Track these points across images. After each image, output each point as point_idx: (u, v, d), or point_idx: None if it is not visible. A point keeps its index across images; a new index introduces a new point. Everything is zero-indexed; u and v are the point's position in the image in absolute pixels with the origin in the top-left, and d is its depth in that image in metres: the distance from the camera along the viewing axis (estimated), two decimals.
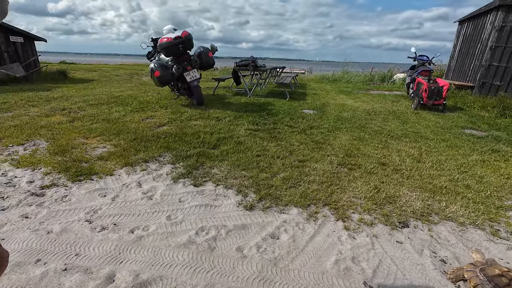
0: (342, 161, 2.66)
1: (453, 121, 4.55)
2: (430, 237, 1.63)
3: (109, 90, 6.40)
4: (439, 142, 3.39)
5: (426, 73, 5.96)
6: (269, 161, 2.59)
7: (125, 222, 1.67)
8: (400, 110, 5.35)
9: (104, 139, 2.98)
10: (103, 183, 2.11)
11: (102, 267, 1.32)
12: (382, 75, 11.42)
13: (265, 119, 4.15)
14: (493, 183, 2.32)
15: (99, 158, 2.51)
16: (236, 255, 1.44)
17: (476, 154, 2.99)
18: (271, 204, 1.91)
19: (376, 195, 2.05)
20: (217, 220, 1.72)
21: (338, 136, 3.46)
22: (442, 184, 2.26)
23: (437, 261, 1.44)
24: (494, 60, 6.24)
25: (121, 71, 12.02)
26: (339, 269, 1.37)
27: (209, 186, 2.13)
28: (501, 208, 1.96)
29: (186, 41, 4.25)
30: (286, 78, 7.32)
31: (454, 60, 8.31)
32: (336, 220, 1.76)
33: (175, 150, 2.74)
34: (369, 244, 1.56)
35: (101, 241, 1.49)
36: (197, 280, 1.27)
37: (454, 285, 1.29)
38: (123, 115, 3.98)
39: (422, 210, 1.89)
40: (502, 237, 1.66)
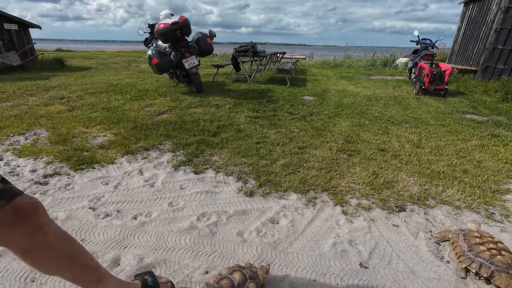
0: (342, 147, 2.68)
1: (454, 106, 4.52)
2: (426, 221, 1.67)
3: (107, 78, 6.34)
4: (439, 128, 3.38)
5: (429, 57, 5.85)
6: (269, 148, 2.61)
7: (128, 208, 1.71)
8: (401, 95, 5.31)
9: (104, 128, 2.99)
10: (105, 171, 2.14)
11: (107, 252, 1.37)
12: (384, 59, 11.22)
13: (265, 106, 4.13)
14: (491, 168, 2.34)
15: (100, 146, 2.53)
16: (237, 239, 1.48)
17: (476, 139, 3.00)
18: (271, 190, 1.94)
19: (374, 180, 2.08)
20: (218, 206, 1.76)
21: (338, 123, 3.46)
22: (440, 169, 2.28)
23: (431, 243, 1.49)
24: (499, 43, 6.10)
25: (119, 59, 11.84)
26: (336, 252, 1.41)
27: (209, 173, 2.15)
28: (497, 192, 1.99)
29: (183, 27, 4.16)
30: (286, 64, 7.21)
31: (458, 44, 8.13)
32: (335, 205, 1.80)
33: (175, 138, 2.76)
34: (366, 227, 1.60)
35: (105, 227, 1.54)
36: (199, 263, 1.32)
37: (445, 264, 1.34)
38: (122, 104, 3.96)
39: (419, 194, 1.92)
40: (497, 220, 1.69)
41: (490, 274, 1.20)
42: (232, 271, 1.12)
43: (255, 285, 1.09)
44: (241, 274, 1.10)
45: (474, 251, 1.29)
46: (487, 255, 1.25)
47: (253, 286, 1.08)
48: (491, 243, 1.32)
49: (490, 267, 1.21)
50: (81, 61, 10.33)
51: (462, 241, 1.38)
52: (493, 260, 1.22)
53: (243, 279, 1.09)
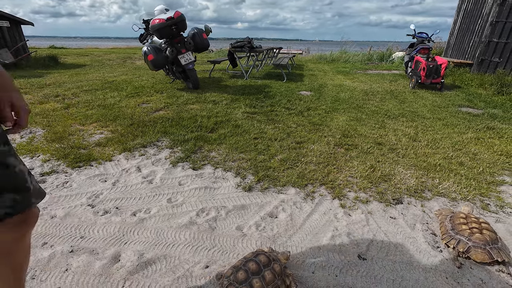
0: (339, 141, 2.69)
1: (450, 99, 4.54)
2: (422, 212, 1.69)
3: (102, 75, 6.27)
4: (435, 121, 3.41)
5: (425, 51, 5.85)
6: (267, 143, 2.61)
7: (127, 205, 1.71)
8: (398, 89, 5.32)
9: (100, 125, 2.97)
10: (103, 168, 2.13)
11: (107, 248, 1.37)
12: (381, 54, 11.21)
13: (262, 101, 4.13)
14: (486, 160, 2.37)
15: (97, 144, 2.52)
16: (236, 234, 1.49)
17: (471, 132, 3.03)
18: (269, 185, 1.95)
19: (371, 174, 2.10)
20: (217, 202, 1.77)
21: (336, 117, 3.47)
22: (437, 162, 2.30)
23: (428, 234, 1.51)
24: (494, 36, 6.12)
25: (114, 55, 11.70)
26: (334, 244, 1.43)
27: (208, 169, 2.16)
28: (493, 183, 2.02)
29: (179, 22, 4.12)
30: (283, 59, 7.18)
31: (454, 37, 8.15)
32: (333, 198, 1.82)
33: (173, 135, 2.75)
34: (364, 220, 1.62)
35: (104, 224, 1.54)
36: (199, 258, 1.33)
37: (442, 254, 1.36)
38: (118, 101, 3.93)
39: (416, 187, 1.94)
40: (492, 210, 1.72)
41: (466, 249, 1.30)
42: (257, 255, 1.18)
43: (278, 266, 1.15)
44: (265, 257, 1.16)
45: (455, 229, 1.41)
46: (467, 233, 1.36)
47: (277, 267, 1.15)
48: (475, 223, 1.40)
49: (468, 243, 1.31)
50: (76, 58, 10.19)
51: (448, 221, 1.49)
52: (471, 237, 1.33)
53: (267, 261, 1.15)
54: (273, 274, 1.11)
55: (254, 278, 1.09)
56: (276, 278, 1.11)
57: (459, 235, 1.37)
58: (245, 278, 1.09)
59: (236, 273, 1.12)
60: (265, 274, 1.10)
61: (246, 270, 1.11)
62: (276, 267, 1.13)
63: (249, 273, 1.10)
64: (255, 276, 1.09)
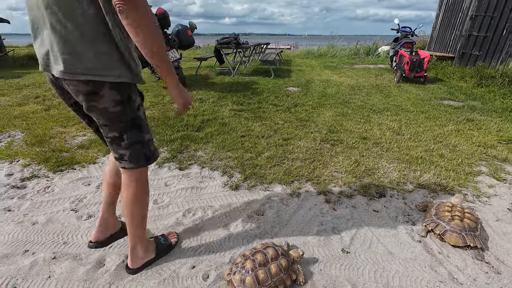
0: (325, 137, 2.73)
1: (433, 92, 4.67)
2: (404, 205, 1.75)
3: None
4: (418, 114, 3.50)
5: (409, 45, 5.97)
6: (254, 141, 2.62)
7: None
8: (383, 84, 5.42)
9: (83, 127, 2.90)
10: (86, 171, 2.09)
11: (91, 253, 1.35)
12: (367, 48, 11.35)
13: (250, 98, 4.12)
14: (465, 151, 2.46)
15: (79, 146, 2.46)
16: (223, 233, 1.50)
17: (452, 124, 3.13)
18: (256, 182, 1.96)
19: (356, 168, 2.14)
20: (203, 201, 1.77)
21: (322, 113, 3.50)
22: (418, 154, 2.37)
23: (408, 226, 1.56)
24: (474, 30, 6.30)
25: None
26: (320, 239, 1.46)
27: (194, 169, 2.15)
28: (470, 174, 2.10)
29: (161, 19, 4.03)
30: (270, 55, 7.16)
31: (436, 31, 8.33)
32: (318, 194, 1.85)
33: (159, 135, 2.71)
34: (348, 214, 1.66)
35: (88, 229, 1.52)
36: (185, 259, 1.33)
37: (422, 245, 1.42)
38: None
39: (398, 180, 2.00)
40: (469, 200, 1.80)
41: (442, 232, 1.41)
42: (266, 247, 1.22)
43: (286, 261, 1.18)
44: (274, 250, 1.20)
45: (438, 215, 1.51)
46: (447, 219, 1.45)
47: (284, 262, 1.17)
48: (459, 212, 1.48)
49: (445, 227, 1.42)
50: None
51: (434, 208, 1.58)
52: (450, 223, 1.43)
53: (276, 254, 1.18)
54: (279, 268, 1.14)
55: (260, 269, 1.13)
56: (281, 272, 1.14)
57: (440, 220, 1.47)
58: (251, 268, 1.13)
59: (244, 262, 1.16)
60: (271, 267, 1.14)
61: (253, 260, 1.15)
62: (283, 262, 1.17)
63: (256, 263, 1.14)
64: (262, 267, 1.13)
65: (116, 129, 0.98)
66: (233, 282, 1.13)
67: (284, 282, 1.14)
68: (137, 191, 1.11)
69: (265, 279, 1.11)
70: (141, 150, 1.05)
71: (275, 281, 1.12)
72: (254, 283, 1.10)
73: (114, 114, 0.95)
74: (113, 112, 0.95)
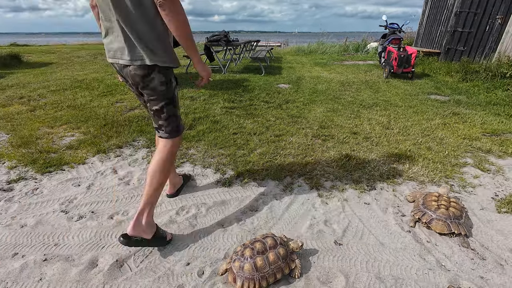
0: (317, 133, 2.76)
1: (420, 87, 4.77)
2: (394, 197, 1.79)
3: (71, 73, 5.93)
4: (406, 109, 3.58)
5: (397, 41, 6.07)
6: (246, 138, 2.63)
7: (103, 209, 1.66)
8: (372, 79, 5.50)
9: (71, 127, 2.84)
10: (76, 172, 2.05)
11: (83, 254, 1.34)
12: (356, 45, 11.47)
13: (241, 96, 4.11)
14: (451, 144, 2.53)
15: (68, 147, 2.41)
16: (217, 229, 1.51)
17: (439, 118, 3.21)
18: (249, 179, 1.97)
19: (347, 162, 2.18)
20: (196, 199, 1.77)
21: (313, 109, 3.54)
22: (407, 148, 2.43)
23: (398, 217, 1.61)
24: (459, 26, 6.46)
25: (83, 52, 11.08)
26: (313, 232, 1.49)
27: (187, 167, 2.14)
28: (456, 165, 2.17)
29: None
30: (260, 52, 7.16)
31: (423, 27, 8.50)
32: (310, 188, 1.87)
33: (149, 134, 2.68)
34: (340, 207, 1.69)
35: (80, 230, 1.49)
36: (180, 256, 1.33)
37: (411, 235, 1.46)
38: (90, 100, 3.76)
39: (388, 173, 2.05)
40: (455, 191, 1.86)
41: (429, 221, 1.46)
42: (266, 237, 1.25)
43: (284, 250, 1.21)
44: (272, 240, 1.23)
45: (425, 205, 1.56)
46: (434, 208, 1.51)
47: (282, 251, 1.21)
48: (445, 201, 1.55)
49: (432, 216, 1.48)
50: (41, 56, 9.54)
51: (422, 198, 1.63)
52: (436, 211, 1.49)
53: (274, 243, 1.22)
54: (277, 256, 1.18)
55: (259, 256, 1.16)
56: (279, 260, 1.17)
57: (427, 209, 1.52)
58: (250, 256, 1.17)
59: (243, 250, 1.21)
60: (269, 255, 1.17)
61: (252, 249, 1.19)
62: (281, 251, 1.20)
63: (254, 251, 1.18)
64: (260, 255, 1.17)
65: (159, 104, 1.28)
66: (233, 269, 1.17)
67: (282, 270, 1.17)
68: (166, 158, 1.34)
69: (263, 266, 1.14)
70: (175, 122, 1.34)
71: (273, 269, 1.15)
72: (252, 269, 1.13)
73: (160, 92, 1.25)
74: (160, 91, 1.25)
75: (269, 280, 1.15)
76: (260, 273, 1.14)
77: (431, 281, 1.21)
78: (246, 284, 1.12)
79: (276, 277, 1.16)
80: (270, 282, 1.15)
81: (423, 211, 1.52)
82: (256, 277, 1.13)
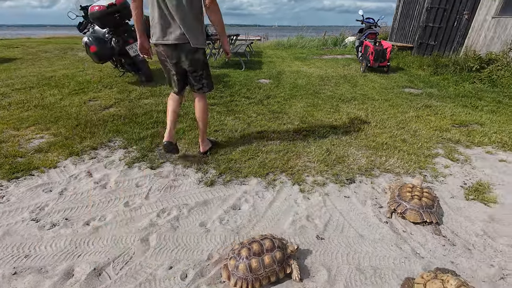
0: (298, 128, 2.79)
1: (395, 81, 4.95)
2: (372, 189, 1.86)
3: (38, 70, 5.54)
4: (383, 102, 3.70)
5: (373, 35, 6.23)
6: (228, 135, 2.60)
7: (78, 215, 1.58)
8: (350, 73, 5.63)
9: (40, 129, 2.66)
10: (46, 177, 1.93)
11: (58, 264, 1.27)
12: (335, 39, 11.66)
13: (222, 92, 4.05)
14: (424, 136, 2.66)
15: (37, 150, 2.25)
16: (200, 230, 1.49)
17: (412, 111, 3.36)
18: (232, 177, 1.96)
19: (327, 157, 2.22)
20: (178, 200, 1.73)
21: (294, 104, 3.56)
22: (384, 140, 2.52)
23: (376, 208, 1.67)
24: (430, 21, 6.75)
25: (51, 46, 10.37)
26: (295, 228, 1.51)
27: (167, 167, 2.08)
28: (429, 156, 2.28)
29: (122, 9, 3.76)
30: (240, 46, 7.07)
31: (397, 22, 8.79)
32: (293, 184, 1.90)
33: (127, 133, 2.58)
34: (321, 202, 1.72)
35: (53, 238, 1.41)
36: (162, 260, 1.30)
37: (388, 226, 1.53)
38: (59, 99, 3.53)
39: (366, 166, 2.12)
40: (428, 181, 1.96)
41: (403, 211, 1.54)
42: (264, 238, 1.24)
43: (280, 254, 1.19)
44: (270, 242, 1.21)
45: (400, 196, 1.63)
46: (408, 198, 1.58)
47: (279, 254, 1.19)
48: (418, 192, 1.62)
49: (406, 206, 1.55)
50: (2, 51, 8.81)
51: (397, 190, 1.70)
52: (410, 202, 1.56)
53: (271, 246, 1.20)
54: (272, 259, 1.17)
55: (254, 258, 1.16)
56: (274, 264, 1.17)
57: (402, 200, 1.60)
58: (246, 256, 1.16)
59: (240, 249, 1.20)
60: (265, 258, 1.17)
61: (249, 249, 1.19)
62: (278, 254, 1.19)
63: (251, 252, 1.17)
64: (256, 256, 1.16)
65: (201, 69, 1.98)
66: (228, 267, 1.18)
67: (277, 274, 1.17)
68: (206, 104, 2.11)
69: (257, 268, 1.15)
70: (210, 80, 2.08)
71: (267, 272, 1.16)
72: (246, 270, 1.14)
73: (201, 62, 1.96)
74: (202, 61, 1.96)
75: (262, 282, 1.16)
76: (254, 275, 1.14)
77: (406, 268, 1.27)
78: (239, 284, 1.14)
79: (270, 280, 1.17)
80: (264, 284, 1.16)
81: (398, 202, 1.59)
82: (249, 278, 1.14)
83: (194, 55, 1.88)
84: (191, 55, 1.87)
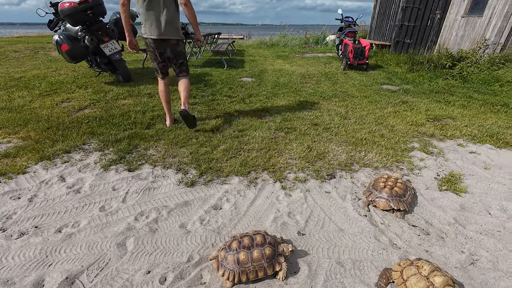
0: (279, 126, 2.79)
1: (374, 78, 5.10)
2: (351, 184, 1.90)
3: (6, 70, 5.21)
4: (362, 99, 3.79)
5: (352, 34, 6.38)
6: (209, 134, 2.56)
7: (49, 222, 1.50)
8: (331, 71, 5.73)
9: (7, 133, 2.50)
10: (14, 183, 1.81)
11: (26, 275, 1.19)
12: (316, 37, 11.83)
13: (203, 91, 4.00)
14: (401, 130, 2.75)
15: (3, 155, 2.12)
16: (180, 232, 1.45)
17: (390, 107, 3.46)
18: (213, 177, 1.93)
19: (308, 154, 2.25)
20: (157, 202, 1.68)
21: (276, 102, 3.57)
22: (363, 136, 2.58)
23: (356, 202, 1.70)
24: (405, 20, 7.00)
25: (20, 46, 9.80)
26: (277, 225, 1.51)
27: (146, 169, 2.02)
28: (405, 150, 2.36)
29: (94, 6, 3.60)
30: (222, 45, 7.00)
31: (375, 21, 9.04)
32: (274, 182, 1.90)
33: (102, 135, 2.48)
34: (303, 198, 1.74)
35: (21, 248, 1.33)
36: (139, 264, 1.26)
37: (367, 219, 1.56)
38: (29, 101, 3.34)
39: (346, 161, 2.16)
40: (404, 174, 2.03)
41: (374, 199, 1.62)
42: (257, 233, 1.23)
43: (271, 250, 1.19)
44: (262, 237, 1.21)
45: (373, 186, 1.70)
46: (380, 188, 1.65)
47: (269, 251, 1.18)
48: (391, 182, 1.69)
49: (377, 194, 1.62)
50: None
51: (374, 180, 1.77)
52: (381, 191, 1.63)
53: (262, 242, 1.20)
54: (261, 254, 1.17)
55: (243, 251, 1.16)
56: (263, 260, 1.16)
57: (374, 189, 1.66)
58: (236, 248, 1.18)
59: (232, 242, 1.22)
60: (254, 252, 1.16)
61: (239, 242, 1.20)
62: (268, 250, 1.18)
63: (241, 245, 1.18)
64: (245, 249, 1.16)
65: (182, 58, 2.55)
66: (218, 258, 1.19)
67: (265, 270, 1.17)
68: (188, 83, 2.61)
69: (245, 261, 1.15)
70: (187, 66, 2.64)
71: (254, 266, 1.15)
72: (234, 262, 1.14)
73: (182, 52, 2.54)
74: (182, 51, 2.54)
75: (249, 276, 1.15)
76: (241, 267, 1.14)
77: (384, 259, 1.30)
78: (227, 275, 1.14)
79: (257, 274, 1.16)
80: (251, 278, 1.16)
81: (370, 191, 1.67)
82: (236, 270, 1.14)
83: (176, 48, 2.46)
84: (174, 47, 2.44)
